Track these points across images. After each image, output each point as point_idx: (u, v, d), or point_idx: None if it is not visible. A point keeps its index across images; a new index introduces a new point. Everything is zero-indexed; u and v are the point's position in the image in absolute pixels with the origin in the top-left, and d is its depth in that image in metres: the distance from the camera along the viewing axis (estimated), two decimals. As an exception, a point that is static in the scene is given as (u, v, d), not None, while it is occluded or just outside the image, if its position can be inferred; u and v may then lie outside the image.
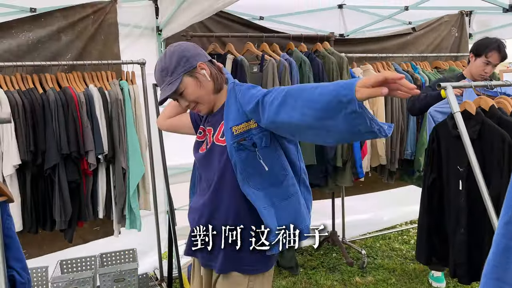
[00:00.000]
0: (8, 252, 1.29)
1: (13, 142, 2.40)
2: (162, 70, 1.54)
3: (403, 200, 4.14)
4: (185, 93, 1.55)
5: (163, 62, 1.54)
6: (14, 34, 2.70)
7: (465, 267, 2.07)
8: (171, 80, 1.52)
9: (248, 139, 1.51)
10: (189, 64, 1.53)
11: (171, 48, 1.57)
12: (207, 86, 1.56)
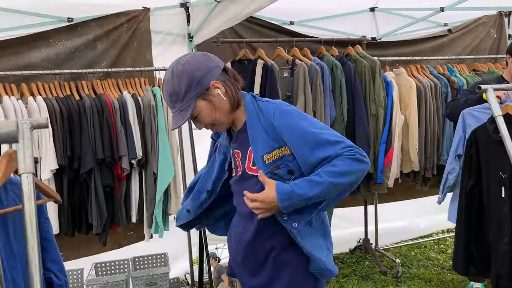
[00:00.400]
0: (45, 254, 1.32)
1: (51, 147, 2.48)
2: (171, 95, 1.36)
3: (439, 207, 3.98)
4: (199, 117, 1.41)
5: (171, 85, 1.35)
6: (53, 43, 2.80)
7: (509, 278, 1.96)
8: (182, 107, 1.36)
9: (283, 166, 1.40)
10: (201, 87, 1.35)
11: (178, 66, 1.36)
12: (223, 106, 1.40)
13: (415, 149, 3.28)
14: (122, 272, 3.04)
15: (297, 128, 1.38)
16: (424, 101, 3.33)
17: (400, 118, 3.25)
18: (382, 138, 3.19)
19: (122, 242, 3.16)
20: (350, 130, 3.08)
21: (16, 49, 2.71)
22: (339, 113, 3.02)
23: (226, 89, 1.40)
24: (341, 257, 3.86)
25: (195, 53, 1.43)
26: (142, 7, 3.01)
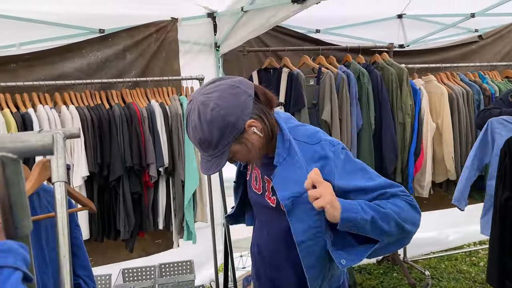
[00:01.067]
0: (75, 260, 1.35)
1: (83, 155, 2.55)
2: (202, 142, 1.19)
3: (471, 218, 3.87)
4: (237, 157, 1.27)
5: (201, 133, 1.17)
6: (85, 53, 2.89)
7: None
8: (215, 154, 1.20)
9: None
10: (236, 131, 1.18)
11: (206, 112, 1.14)
12: (259, 143, 1.24)
13: (451, 158, 3.19)
14: (148, 278, 3.08)
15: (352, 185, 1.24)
16: (457, 108, 3.25)
17: (431, 126, 3.18)
18: (410, 147, 3.13)
19: (150, 250, 3.20)
20: (377, 139, 3.04)
21: (51, 60, 2.82)
22: (366, 122, 2.98)
23: (262, 124, 1.23)
24: (368, 268, 3.79)
25: (221, 89, 1.18)
26: (171, 18, 3.07)
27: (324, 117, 2.86)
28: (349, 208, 1.15)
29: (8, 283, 0.49)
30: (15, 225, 0.58)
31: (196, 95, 1.19)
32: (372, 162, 2.97)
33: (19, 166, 0.56)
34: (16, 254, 0.52)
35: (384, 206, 1.19)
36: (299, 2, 1.94)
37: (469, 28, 3.93)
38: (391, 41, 3.48)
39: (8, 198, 0.56)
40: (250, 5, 2.47)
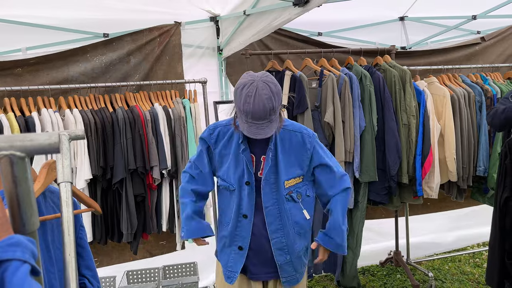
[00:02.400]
0: (80, 261, 1.37)
1: (86, 158, 2.58)
2: (271, 108, 1.58)
3: (474, 220, 3.89)
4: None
5: (272, 101, 1.58)
6: (89, 58, 2.93)
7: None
8: (273, 119, 1.62)
9: (294, 191, 1.77)
10: (280, 105, 1.66)
11: (272, 86, 1.60)
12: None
13: (453, 159, 3.19)
14: (152, 280, 3.10)
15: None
16: (458, 110, 3.26)
17: (437, 127, 3.19)
18: (417, 149, 3.14)
19: (154, 251, 3.23)
20: (380, 140, 3.05)
21: (56, 64, 2.86)
22: (368, 123, 2.99)
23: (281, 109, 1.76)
24: (371, 270, 3.79)
25: (268, 74, 1.65)
26: (174, 22, 3.10)
27: (326, 119, 2.88)
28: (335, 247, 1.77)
29: (16, 275, 0.51)
30: (23, 222, 0.60)
31: (253, 78, 1.61)
32: (374, 163, 2.98)
33: (27, 164, 0.58)
34: (24, 248, 0.54)
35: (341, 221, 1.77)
36: (301, 5, 1.97)
37: (471, 30, 3.94)
38: (393, 44, 3.49)
39: (16, 195, 0.58)
40: (253, 8, 2.50)
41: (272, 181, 1.74)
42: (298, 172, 1.77)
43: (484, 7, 3.26)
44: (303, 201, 1.80)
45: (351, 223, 3.14)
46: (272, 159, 1.73)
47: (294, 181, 1.76)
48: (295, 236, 1.79)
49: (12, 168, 0.57)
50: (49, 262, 1.21)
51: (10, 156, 0.56)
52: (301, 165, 1.77)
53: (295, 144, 1.75)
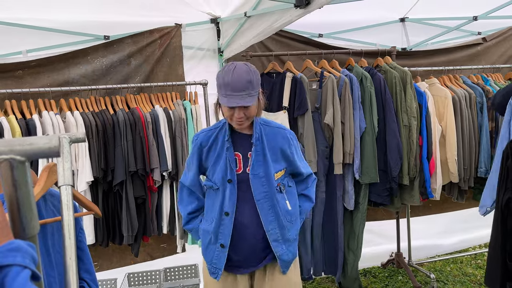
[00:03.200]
0: (79, 264, 1.37)
1: (87, 160, 2.57)
2: (249, 81, 1.68)
3: (476, 221, 3.86)
4: (249, 108, 1.74)
5: (250, 75, 1.69)
6: (90, 60, 2.93)
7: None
8: (251, 94, 1.69)
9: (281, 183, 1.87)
10: (259, 87, 1.76)
11: (251, 67, 1.73)
12: (256, 111, 1.80)
13: (454, 160, 3.19)
14: (153, 282, 3.09)
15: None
16: (459, 111, 3.25)
17: (438, 128, 3.18)
18: (423, 151, 3.14)
19: (155, 254, 3.22)
20: (381, 142, 3.04)
21: (57, 66, 2.86)
22: (369, 125, 2.99)
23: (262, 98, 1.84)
24: (373, 271, 3.78)
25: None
26: (174, 24, 3.10)
27: (326, 121, 2.88)
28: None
29: (17, 280, 0.51)
30: (23, 226, 0.59)
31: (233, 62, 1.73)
32: (375, 165, 2.97)
33: (26, 168, 0.58)
34: (24, 253, 0.54)
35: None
36: (302, 6, 1.96)
37: (471, 31, 3.94)
38: (394, 45, 3.49)
39: (17, 199, 0.58)
40: (254, 10, 2.49)
41: (262, 174, 1.81)
42: (283, 165, 1.88)
43: (485, 8, 3.25)
44: (286, 192, 1.90)
45: (352, 225, 3.13)
46: (259, 154, 1.82)
47: (280, 173, 1.87)
48: (288, 225, 1.88)
49: (12, 172, 0.56)
50: (49, 266, 1.21)
51: (10, 160, 0.55)
52: (286, 159, 1.88)
53: (280, 139, 1.86)
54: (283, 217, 1.86)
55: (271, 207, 1.83)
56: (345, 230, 3.15)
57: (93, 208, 1.41)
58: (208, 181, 1.90)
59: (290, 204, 1.89)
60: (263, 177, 1.82)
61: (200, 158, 1.90)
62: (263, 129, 1.85)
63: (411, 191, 3.19)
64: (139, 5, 2.93)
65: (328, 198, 3.03)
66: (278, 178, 1.86)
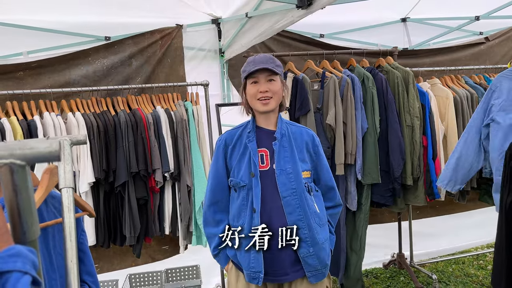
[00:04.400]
0: (80, 266, 1.36)
1: (88, 161, 2.57)
2: (271, 58, 1.75)
3: (478, 222, 3.86)
4: (273, 83, 1.74)
5: (273, 57, 1.78)
6: (91, 61, 2.93)
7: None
8: (275, 67, 1.73)
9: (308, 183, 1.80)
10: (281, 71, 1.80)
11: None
12: (281, 94, 1.80)
13: None
14: (155, 283, 3.09)
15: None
16: (461, 111, 3.24)
17: (441, 128, 3.18)
18: (428, 152, 3.12)
19: (156, 256, 3.22)
20: (383, 142, 3.03)
21: (58, 67, 2.86)
22: (371, 125, 2.98)
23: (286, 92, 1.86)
24: (374, 272, 3.77)
25: None
26: (175, 24, 3.10)
27: (328, 121, 2.87)
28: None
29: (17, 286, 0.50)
30: (23, 230, 0.59)
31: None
32: (377, 165, 2.96)
33: (27, 172, 0.57)
34: (25, 258, 0.53)
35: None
36: (304, 7, 1.96)
37: (473, 31, 3.93)
38: (396, 45, 3.48)
39: (17, 204, 0.57)
40: (255, 11, 2.49)
41: (290, 170, 1.74)
42: (309, 165, 1.82)
43: (487, 8, 3.25)
44: (314, 195, 1.83)
45: (355, 226, 3.12)
46: (286, 149, 1.78)
47: (307, 173, 1.81)
48: (317, 227, 1.76)
49: (13, 177, 0.56)
50: (51, 268, 1.21)
51: (11, 164, 0.55)
52: (311, 159, 1.84)
53: (306, 137, 1.83)
54: (311, 217, 1.75)
55: (299, 206, 1.72)
56: (348, 231, 3.13)
57: (86, 208, 1.39)
58: (233, 179, 1.80)
59: (318, 207, 1.80)
60: (291, 173, 1.74)
61: (224, 157, 1.83)
62: (289, 127, 1.84)
63: (415, 191, 3.17)
64: (140, 6, 2.93)
65: (330, 199, 3.02)
66: (306, 177, 1.79)
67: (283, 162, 1.75)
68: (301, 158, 1.80)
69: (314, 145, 1.84)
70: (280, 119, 1.83)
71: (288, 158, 1.76)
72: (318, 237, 1.75)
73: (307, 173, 1.80)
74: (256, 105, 1.76)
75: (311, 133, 1.87)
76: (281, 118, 1.84)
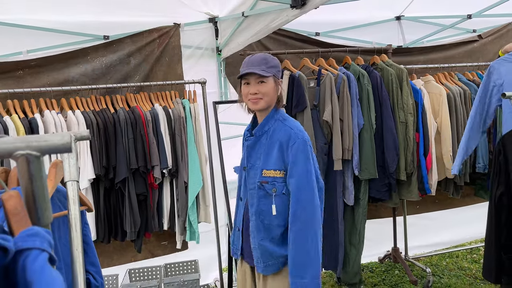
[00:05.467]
0: (84, 257, 1.41)
1: (88, 158, 2.62)
2: (264, 59, 1.81)
3: (471, 216, 3.93)
4: (264, 85, 1.79)
5: (266, 56, 1.83)
6: (90, 59, 2.97)
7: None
8: (265, 69, 1.78)
9: (270, 183, 1.81)
10: (279, 75, 1.87)
11: (270, 55, 1.87)
12: (275, 95, 1.85)
13: (450, 156, 3.25)
14: (154, 278, 3.15)
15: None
16: (454, 108, 3.31)
17: (434, 125, 3.24)
18: (420, 148, 3.19)
19: (156, 251, 3.27)
20: (379, 138, 3.09)
21: (57, 66, 2.90)
22: (367, 122, 3.04)
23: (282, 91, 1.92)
24: (370, 266, 3.84)
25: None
26: (173, 23, 3.15)
27: (325, 118, 2.92)
28: None
29: (36, 262, 0.56)
30: (38, 216, 0.65)
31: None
32: (374, 161, 3.02)
33: (42, 163, 0.63)
34: (42, 238, 0.59)
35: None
36: (298, 7, 2.01)
37: (466, 29, 3.99)
38: (390, 43, 3.54)
39: (32, 192, 0.63)
40: (251, 10, 2.54)
41: (257, 166, 1.86)
42: (280, 165, 1.79)
43: (479, 6, 3.31)
44: (276, 196, 1.80)
45: (353, 220, 3.18)
46: (261, 146, 1.87)
47: (274, 173, 1.80)
48: (259, 224, 1.84)
49: (29, 167, 0.61)
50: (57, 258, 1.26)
51: (27, 155, 0.60)
52: (283, 160, 1.79)
53: (282, 138, 1.79)
54: (262, 214, 1.83)
55: (257, 200, 1.85)
56: (347, 226, 3.19)
57: (85, 202, 1.45)
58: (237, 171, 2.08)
59: (275, 208, 1.80)
60: (257, 169, 1.85)
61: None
62: (276, 123, 1.84)
63: (408, 186, 3.24)
64: (138, 6, 2.97)
65: (327, 195, 3.07)
66: (268, 176, 1.81)
67: (254, 158, 1.88)
68: (271, 155, 1.82)
69: (287, 145, 1.77)
70: (271, 117, 1.85)
71: (260, 155, 1.86)
72: (258, 233, 1.85)
73: (275, 173, 1.79)
74: (248, 104, 1.87)
75: (288, 132, 1.78)
76: (273, 115, 1.85)
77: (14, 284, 0.58)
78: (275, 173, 1.80)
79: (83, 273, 0.98)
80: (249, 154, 1.90)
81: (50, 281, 0.55)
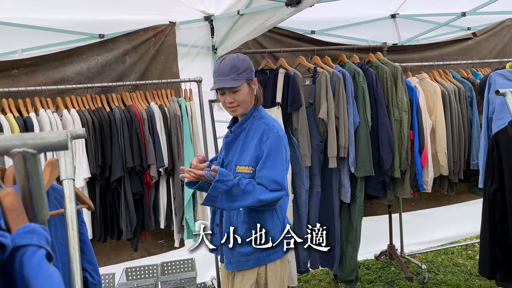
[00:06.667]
0: (81, 255, 1.42)
1: (84, 157, 2.62)
2: (233, 66, 1.80)
3: (466, 213, 3.96)
4: (238, 93, 1.82)
5: (235, 61, 1.81)
6: (85, 58, 2.96)
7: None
8: (236, 78, 1.79)
9: (240, 177, 1.80)
10: (251, 75, 1.86)
11: (241, 56, 1.87)
12: (251, 98, 1.88)
13: (444, 153, 3.27)
14: (151, 276, 3.15)
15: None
16: (449, 105, 3.33)
17: (429, 122, 3.26)
18: (415, 145, 3.21)
19: (152, 250, 3.27)
20: (374, 136, 3.11)
21: (52, 64, 2.89)
22: (362, 119, 3.05)
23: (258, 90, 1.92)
24: (366, 263, 3.86)
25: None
26: (169, 22, 3.14)
27: (321, 116, 2.93)
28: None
29: (33, 259, 0.57)
30: (34, 213, 0.65)
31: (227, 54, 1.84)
32: (370, 158, 3.04)
33: (38, 160, 0.63)
34: (39, 235, 0.60)
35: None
36: (293, 5, 2.02)
37: (461, 27, 4.01)
38: (385, 41, 3.55)
39: (29, 189, 0.63)
40: (246, 8, 2.54)
41: (233, 163, 1.89)
42: (251, 162, 1.81)
43: (474, 4, 3.33)
44: None
45: (350, 218, 3.19)
46: (239, 143, 1.90)
47: (245, 169, 1.83)
48: (227, 219, 1.90)
49: (25, 164, 0.62)
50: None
51: (23, 153, 0.61)
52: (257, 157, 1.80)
53: (258, 135, 1.83)
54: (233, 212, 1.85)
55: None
56: (343, 223, 3.21)
57: (86, 201, 1.45)
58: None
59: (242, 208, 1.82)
60: (232, 165, 1.89)
61: None
62: (254, 121, 1.88)
63: (402, 184, 3.26)
64: (133, 4, 2.96)
65: (323, 192, 3.08)
66: (240, 172, 1.82)
67: (231, 155, 1.92)
68: (246, 152, 1.84)
69: (262, 141, 1.80)
70: (250, 115, 1.89)
71: (236, 152, 1.90)
72: (226, 230, 1.87)
73: (246, 169, 1.82)
74: (228, 111, 1.92)
75: (264, 128, 1.82)
76: (252, 113, 1.89)
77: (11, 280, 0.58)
78: (247, 169, 1.82)
79: (80, 271, 0.99)
80: (227, 150, 1.95)
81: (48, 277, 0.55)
